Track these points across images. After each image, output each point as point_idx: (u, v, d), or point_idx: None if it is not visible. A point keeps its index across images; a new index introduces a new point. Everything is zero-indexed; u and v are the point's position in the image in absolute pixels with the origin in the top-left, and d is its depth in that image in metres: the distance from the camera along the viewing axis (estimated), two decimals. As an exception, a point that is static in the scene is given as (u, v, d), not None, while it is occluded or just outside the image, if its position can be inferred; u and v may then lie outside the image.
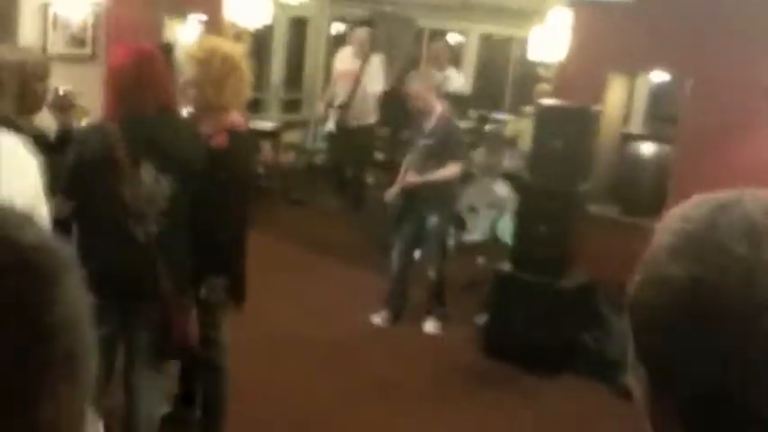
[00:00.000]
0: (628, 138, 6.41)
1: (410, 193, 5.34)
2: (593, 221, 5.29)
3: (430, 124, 5.30)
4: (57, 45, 8.33)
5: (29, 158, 2.05)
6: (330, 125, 8.08)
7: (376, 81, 8.02)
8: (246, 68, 3.41)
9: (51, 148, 2.98)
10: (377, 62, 8.05)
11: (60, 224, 2.38)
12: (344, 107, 7.93)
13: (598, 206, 5.55)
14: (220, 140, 3.28)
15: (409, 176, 5.35)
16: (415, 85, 5.32)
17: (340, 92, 7.99)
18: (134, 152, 2.87)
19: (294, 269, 6.52)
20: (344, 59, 8.10)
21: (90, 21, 8.61)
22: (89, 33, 8.60)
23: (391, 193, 5.46)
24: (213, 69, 3.25)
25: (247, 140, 3.61)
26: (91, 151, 2.89)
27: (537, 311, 4.93)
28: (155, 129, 2.94)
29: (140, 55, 2.99)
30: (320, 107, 8.39)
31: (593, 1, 5.46)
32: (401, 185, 5.39)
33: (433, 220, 5.32)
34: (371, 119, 8.15)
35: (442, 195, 5.33)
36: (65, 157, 2.92)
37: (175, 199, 2.95)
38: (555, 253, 4.97)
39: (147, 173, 2.90)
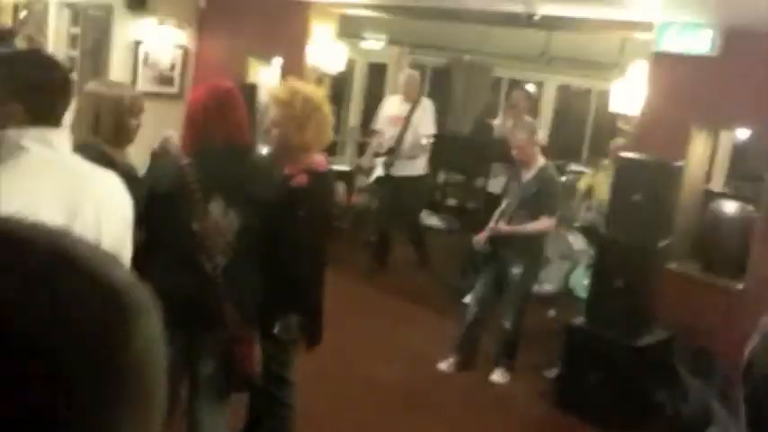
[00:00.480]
0: (710, 195, 6.26)
1: (497, 241, 5.27)
2: (673, 278, 5.16)
3: (529, 174, 5.26)
4: (145, 82, 8.66)
5: (125, 200, 2.10)
6: (378, 171, 7.71)
7: (426, 124, 7.59)
8: (328, 111, 3.46)
9: (139, 183, 3.07)
10: (427, 105, 7.66)
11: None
12: (392, 153, 7.53)
13: (678, 263, 5.41)
14: (301, 180, 3.33)
15: (499, 224, 5.28)
16: (521, 135, 5.24)
17: (387, 138, 7.60)
18: (205, 186, 2.94)
19: (366, 310, 6.53)
20: (392, 105, 7.76)
21: (178, 61, 8.93)
22: (176, 72, 8.91)
23: (479, 240, 5.39)
24: (296, 110, 3.31)
25: (327, 181, 3.64)
26: (165, 184, 2.97)
27: (611, 368, 4.80)
28: (226, 163, 3.01)
29: (217, 91, 3.08)
30: (365, 158, 8.11)
31: (675, 54, 5.38)
32: (490, 231, 5.31)
33: (517, 271, 5.24)
34: (420, 169, 7.70)
35: (531, 247, 5.25)
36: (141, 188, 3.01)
37: (243, 232, 2.99)
38: (631, 309, 4.85)
39: (217, 206, 2.95)
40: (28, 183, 1.97)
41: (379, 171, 7.68)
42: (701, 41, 5.23)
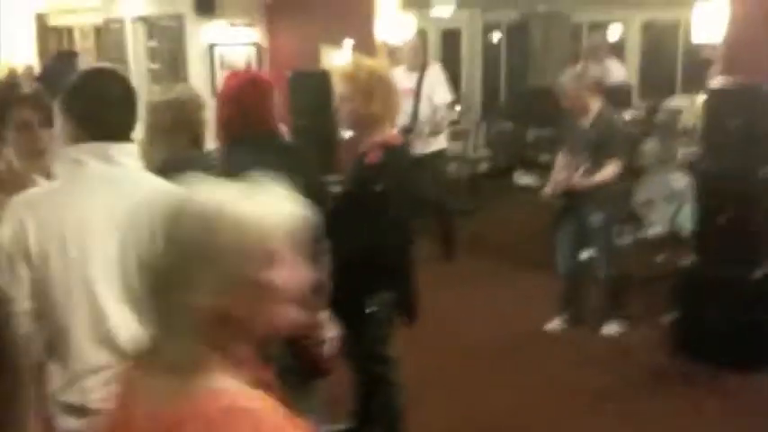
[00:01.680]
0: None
1: (569, 193, 5.12)
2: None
3: (587, 122, 5.08)
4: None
5: None
6: None
7: (440, 91, 6.85)
8: (393, 82, 3.41)
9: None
10: (436, 70, 6.96)
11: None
12: (409, 131, 6.54)
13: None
14: (375, 156, 3.30)
15: (569, 177, 5.11)
16: (569, 85, 5.07)
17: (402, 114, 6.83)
18: (234, 176, 2.92)
19: (467, 278, 6.48)
20: (399, 77, 6.59)
21: (253, 58, 9.06)
22: (253, 69, 9.03)
23: (547, 192, 5.27)
24: (360, 82, 3.30)
25: (402, 154, 3.59)
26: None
27: (729, 306, 4.59)
28: (251, 154, 2.98)
29: (240, 82, 3.05)
30: None
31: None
32: (559, 187, 5.16)
33: (596, 219, 5.08)
34: (442, 142, 7.00)
35: (604, 193, 5.06)
36: None
37: None
38: (741, 242, 4.61)
39: None
40: (83, 198, 1.99)
41: None
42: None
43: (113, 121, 2.05)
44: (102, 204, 1.97)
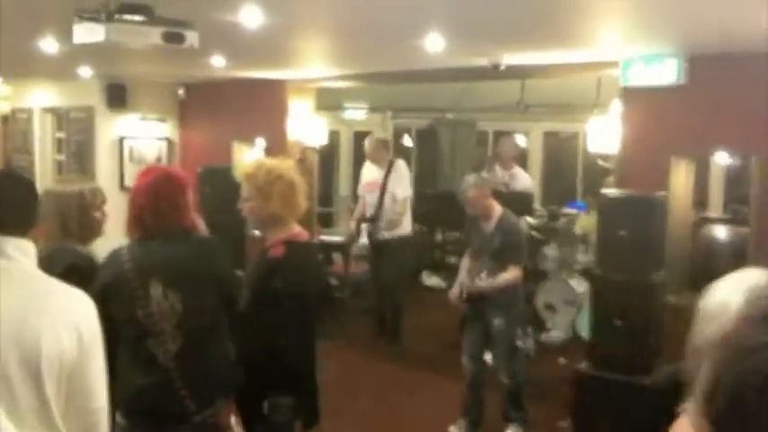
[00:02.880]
0: (705, 221, 6.21)
1: (473, 296, 5.20)
2: (673, 311, 5.06)
3: (490, 227, 5.22)
4: (132, 177, 8.71)
5: (82, 314, 2.03)
6: (363, 240, 7.76)
7: (402, 186, 7.45)
8: (294, 179, 3.44)
9: None
10: (401, 166, 7.56)
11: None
12: (374, 219, 7.49)
13: (676, 296, 5.31)
14: (277, 251, 3.30)
15: (473, 281, 5.20)
16: (472, 192, 5.19)
17: (369, 205, 7.59)
18: (141, 271, 2.91)
19: (371, 381, 6.43)
20: (369, 171, 7.69)
21: (163, 153, 9.03)
22: (163, 164, 8.99)
23: (453, 294, 5.35)
24: (259, 180, 3.32)
25: (306, 251, 3.59)
26: (108, 275, 2.94)
27: (621, 412, 4.67)
28: (160, 246, 2.97)
29: (155, 177, 3.06)
30: (351, 225, 7.99)
31: (643, 87, 5.40)
32: (467, 289, 5.24)
33: (497, 322, 5.16)
34: (406, 229, 7.55)
35: (507, 297, 5.17)
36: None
37: (189, 314, 2.93)
38: (635, 348, 4.74)
39: (156, 291, 2.91)
40: None
41: (363, 239, 7.71)
42: (666, 72, 5.25)
43: (7, 217, 2.03)
44: None
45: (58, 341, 1.93)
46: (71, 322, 1.97)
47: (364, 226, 7.65)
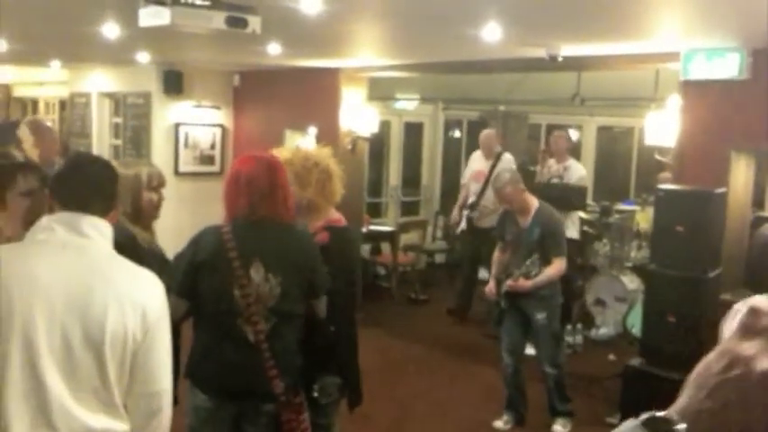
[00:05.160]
0: (762, 221, 6.06)
1: (514, 294, 5.11)
2: (727, 309, 4.97)
3: (527, 221, 5.14)
4: (187, 163, 8.87)
5: (148, 298, 2.05)
6: (462, 225, 7.99)
7: None
8: (330, 166, 3.48)
9: (163, 263, 3.09)
10: (508, 160, 7.87)
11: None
12: (474, 207, 7.87)
13: (732, 293, 5.21)
14: (322, 237, 3.34)
15: (519, 280, 5.12)
16: (509, 189, 5.12)
17: (472, 192, 7.98)
18: (244, 252, 2.95)
19: (416, 368, 6.44)
20: (477, 160, 8.13)
21: (217, 139, 9.15)
22: (217, 151, 9.12)
23: (489, 289, 5.31)
24: (296, 167, 3.36)
25: (347, 236, 3.64)
26: (205, 252, 2.98)
27: (672, 409, 4.60)
28: (263, 230, 3.01)
29: (270, 164, 3.10)
30: (454, 212, 8.27)
31: (704, 81, 5.29)
32: (510, 288, 5.10)
33: (539, 317, 5.10)
34: None
35: (548, 291, 5.08)
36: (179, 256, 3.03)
37: (284, 298, 2.98)
38: (687, 345, 4.67)
39: (257, 273, 2.96)
40: (41, 259, 2.00)
41: (463, 224, 7.95)
42: (728, 66, 5.14)
43: (82, 196, 2.08)
44: (53, 268, 1.97)
45: (123, 322, 1.96)
46: (138, 304, 2.00)
47: (465, 212, 7.92)
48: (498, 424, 5.32)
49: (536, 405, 5.36)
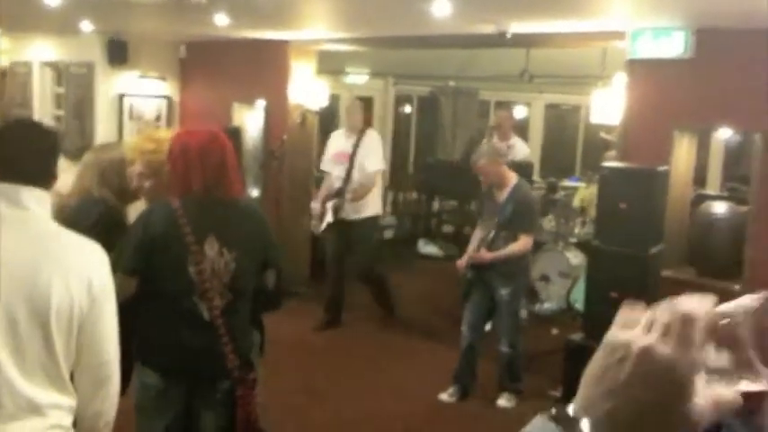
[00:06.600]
0: (703, 198, 6.21)
1: (480, 266, 5.19)
2: (669, 285, 5.09)
3: (503, 195, 5.19)
4: (131, 135, 8.68)
5: (94, 266, 2.02)
6: (328, 218, 6.64)
7: (373, 159, 6.61)
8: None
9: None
10: (372, 137, 6.73)
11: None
12: (340, 195, 6.58)
13: (673, 270, 5.34)
14: None
15: (481, 251, 5.19)
16: (484, 161, 5.16)
17: (335, 178, 6.69)
18: (198, 227, 2.90)
19: (365, 345, 6.46)
20: (337, 141, 6.82)
21: (162, 111, 8.98)
22: (162, 123, 8.95)
23: (461, 264, 5.34)
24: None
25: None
26: (156, 229, 2.91)
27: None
28: (215, 206, 2.96)
29: (220, 136, 3.05)
30: (313, 206, 6.87)
31: (649, 59, 5.36)
32: (472, 259, 5.23)
33: (503, 292, 5.17)
34: (375, 209, 6.80)
35: (514, 267, 5.16)
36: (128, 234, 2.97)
37: (240, 273, 2.95)
38: (629, 320, 4.76)
39: (211, 248, 2.91)
40: None
41: (329, 217, 6.65)
42: (674, 45, 5.22)
43: (23, 166, 2.02)
44: None
45: (69, 295, 1.92)
46: (83, 275, 1.97)
47: (329, 204, 6.64)
48: (443, 396, 5.38)
49: (484, 380, 5.43)
